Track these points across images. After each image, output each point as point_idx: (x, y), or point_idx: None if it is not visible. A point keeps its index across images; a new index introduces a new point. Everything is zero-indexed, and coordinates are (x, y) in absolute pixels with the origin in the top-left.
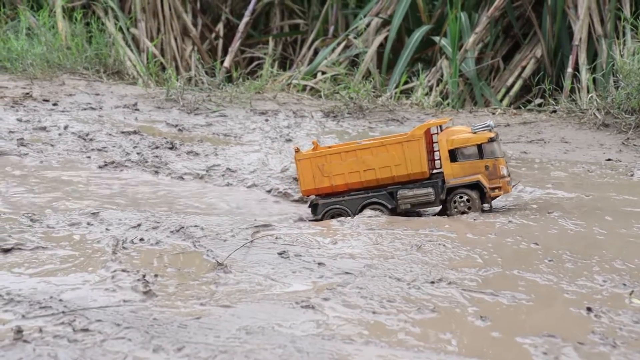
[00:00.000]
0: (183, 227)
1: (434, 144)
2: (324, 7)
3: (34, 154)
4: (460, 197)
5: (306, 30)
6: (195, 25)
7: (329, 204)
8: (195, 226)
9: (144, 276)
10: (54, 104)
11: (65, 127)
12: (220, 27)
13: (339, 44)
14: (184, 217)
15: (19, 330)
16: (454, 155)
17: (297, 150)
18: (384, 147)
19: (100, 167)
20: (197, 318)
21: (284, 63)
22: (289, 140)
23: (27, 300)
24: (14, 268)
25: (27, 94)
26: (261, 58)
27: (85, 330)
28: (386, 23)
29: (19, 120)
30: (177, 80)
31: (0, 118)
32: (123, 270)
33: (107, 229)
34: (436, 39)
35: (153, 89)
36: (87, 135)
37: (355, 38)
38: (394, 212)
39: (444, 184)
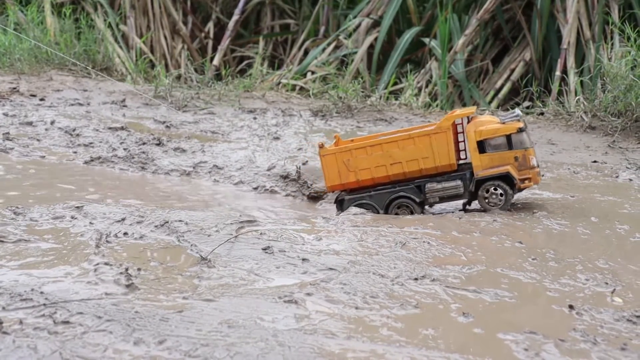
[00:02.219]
0: (167, 222)
1: (459, 135)
2: (315, 7)
3: (19, 149)
4: (495, 190)
5: (297, 30)
6: (185, 23)
7: (355, 199)
8: (180, 221)
9: (126, 270)
10: (41, 99)
11: (52, 123)
12: (210, 26)
13: (329, 44)
14: (168, 211)
15: None
16: (482, 146)
17: (322, 146)
18: (411, 140)
19: (86, 162)
20: (179, 311)
21: (274, 63)
22: (277, 139)
23: (7, 292)
24: None
25: (14, 88)
26: (251, 57)
27: (66, 322)
28: (376, 24)
29: (5, 114)
30: (166, 77)
31: None
32: (106, 264)
33: (90, 223)
34: (426, 40)
35: (140, 85)
36: (73, 130)
37: (345, 39)
38: (422, 205)
39: (472, 176)
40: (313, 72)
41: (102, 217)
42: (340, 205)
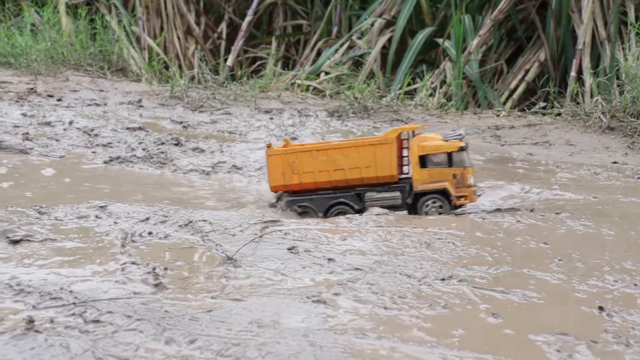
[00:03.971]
0: (191, 222)
1: (404, 149)
2: (328, 8)
3: (39, 149)
4: (434, 202)
5: (309, 31)
6: (198, 24)
7: (296, 201)
8: (204, 220)
9: (154, 269)
10: (59, 100)
11: (70, 123)
12: (223, 26)
13: (342, 45)
14: (192, 211)
15: (30, 321)
16: (424, 161)
17: (269, 146)
18: (355, 149)
19: (105, 162)
20: (209, 311)
21: (287, 63)
22: (295, 139)
23: (37, 291)
24: (23, 259)
25: (32, 89)
26: (264, 58)
27: (96, 321)
28: (389, 24)
29: (24, 115)
30: (181, 78)
31: (5, 113)
32: (133, 263)
33: (115, 222)
34: (439, 41)
35: (157, 86)
36: (92, 130)
37: (358, 39)
38: (360, 213)
39: (411, 189)
40: (327, 73)
41: (126, 217)
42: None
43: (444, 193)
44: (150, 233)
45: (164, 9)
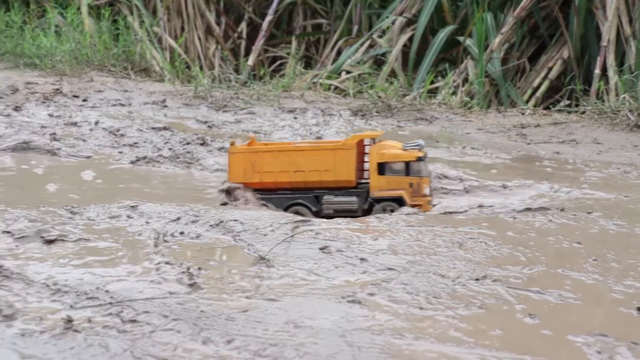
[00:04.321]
0: (222, 221)
1: (365, 155)
2: (347, 6)
3: (66, 149)
4: (392, 211)
5: (329, 30)
6: (218, 24)
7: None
8: (235, 220)
9: (188, 269)
10: (84, 100)
11: (96, 123)
12: (243, 26)
13: (363, 44)
14: (222, 211)
15: (69, 320)
16: (382, 168)
17: (233, 144)
18: (316, 152)
19: (132, 162)
20: (244, 311)
21: (307, 63)
22: (319, 138)
23: (73, 290)
24: (58, 259)
25: (57, 89)
26: (284, 57)
27: (134, 321)
28: (410, 22)
29: (51, 115)
30: (204, 78)
31: (32, 113)
32: (167, 263)
33: (147, 222)
34: (461, 39)
35: (180, 86)
36: (117, 130)
37: (379, 37)
38: (317, 215)
39: (368, 195)
40: (348, 72)
41: (157, 217)
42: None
43: (399, 201)
44: (182, 233)
45: (185, 9)
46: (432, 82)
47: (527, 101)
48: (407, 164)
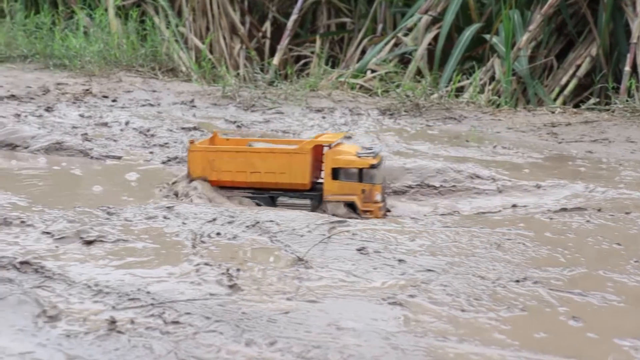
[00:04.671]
0: (258, 222)
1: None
2: (371, 5)
3: (98, 149)
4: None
5: (353, 29)
6: (243, 23)
7: None
8: (271, 221)
9: (227, 270)
10: (113, 100)
11: (127, 123)
12: (267, 25)
13: (388, 42)
14: (257, 212)
15: (112, 321)
16: (336, 173)
17: (192, 142)
18: (272, 155)
19: (163, 162)
20: (286, 313)
21: (332, 62)
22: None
23: (115, 291)
24: (98, 260)
25: (87, 90)
26: (308, 56)
27: (176, 322)
28: (436, 21)
29: (81, 116)
30: (232, 77)
31: (64, 114)
32: (206, 264)
33: (183, 223)
34: (487, 37)
35: (207, 86)
36: (148, 131)
37: (404, 36)
38: None
39: (322, 198)
40: (373, 71)
41: (193, 217)
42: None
43: (351, 206)
44: (218, 234)
45: (210, 9)
46: (458, 81)
47: (555, 99)
48: (361, 170)
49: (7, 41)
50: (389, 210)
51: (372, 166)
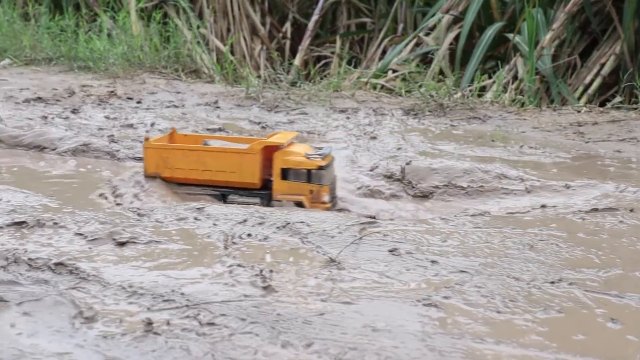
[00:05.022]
0: (289, 223)
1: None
2: (391, 5)
3: (124, 151)
4: None
5: (373, 28)
6: (263, 24)
7: None
8: (301, 222)
9: (261, 271)
10: (138, 102)
11: (152, 124)
12: (287, 26)
13: (409, 42)
14: (287, 213)
15: (149, 323)
16: (285, 173)
17: (147, 139)
18: (223, 154)
19: None
20: (321, 314)
21: (352, 62)
22: (374, 138)
23: (149, 293)
24: (132, 261)
25: (112, 92)
26: (328, 57)
27: (212, 324)
28: (457, 20)
29: (107, 117)
30: (255, 78)
31: (90, 116)
32: (239, 265)
33: (214, 224)
34: (510, 36)
35: (230, 87)
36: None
37: (425, 36)
38: None
39: (271, 197)
40: (394, 71)
41: (224, 219)
42: None
43: (299, 206)
44: (249, 235)
45: (230, 10)
46: (479, 80)
47: (579, 98)
48: (309, 171)
49: (33, 44)
50: (340, 210)
51: (320, 167)
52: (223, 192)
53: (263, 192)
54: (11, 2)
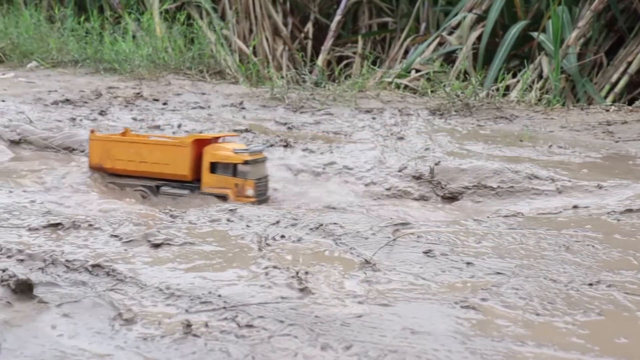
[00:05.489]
0: (322, 225)
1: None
2: (413, 4)
3: None
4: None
5: (395, 28)
6: (285, 25)
7: (110, 180)
8: (334, 224)
9: (297, 273)
10: (164, 103)
11: (179, 126)
12: (309, 26)
13: (432, 42)
14: (319, 214)
15: (188, 325)
16: (214, 167)
17: (93, 131)
18: (158, 147)
19: None
20: (359, 316)
21: (375, 62)
22: (401, 138)
23: (187, 295)
24: (167, 263)
25: (138, 93)
26: (349, 57)
27: (250, 326)
28: (480, 19)
29: (134, 119)
30: (279, 79)
31: (117, 117)
32: (274, 267)
33: (247, 226)
34: (534, 34)
35: (254, 88)
36: (200, 133)
37: (448, 35)
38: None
39: (199, 189)
40: (417, 70)
41: (257, 220)
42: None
43: (224, 198)
44: (282, 236)
45: (253, 11)
46: (503, 79)
47: (605, 97)
48: (235, 165)
49: (59, 46)
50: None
51: (246, 162)
52: (157, 184)
53: (193, 185)
54: (37, 5)
